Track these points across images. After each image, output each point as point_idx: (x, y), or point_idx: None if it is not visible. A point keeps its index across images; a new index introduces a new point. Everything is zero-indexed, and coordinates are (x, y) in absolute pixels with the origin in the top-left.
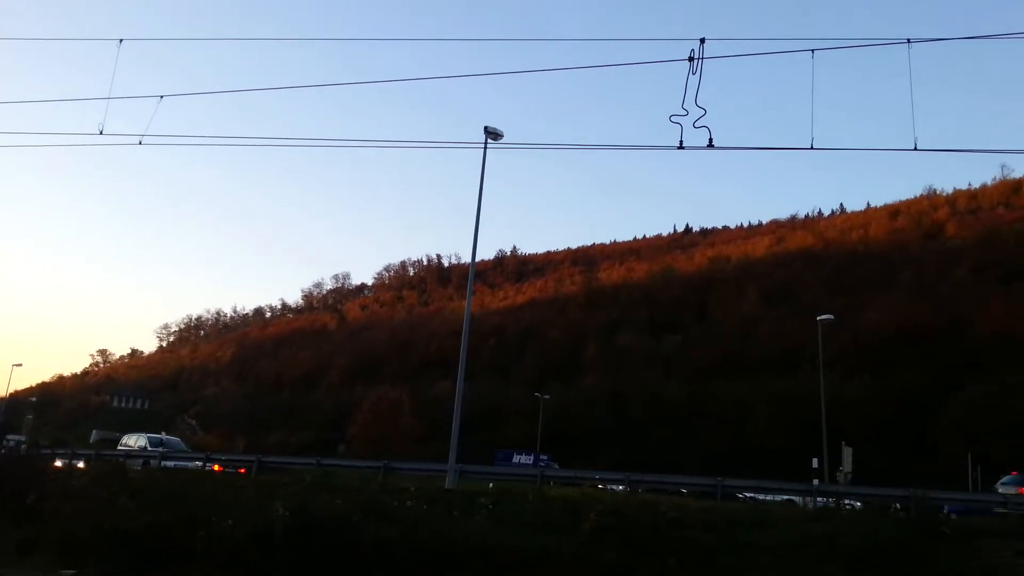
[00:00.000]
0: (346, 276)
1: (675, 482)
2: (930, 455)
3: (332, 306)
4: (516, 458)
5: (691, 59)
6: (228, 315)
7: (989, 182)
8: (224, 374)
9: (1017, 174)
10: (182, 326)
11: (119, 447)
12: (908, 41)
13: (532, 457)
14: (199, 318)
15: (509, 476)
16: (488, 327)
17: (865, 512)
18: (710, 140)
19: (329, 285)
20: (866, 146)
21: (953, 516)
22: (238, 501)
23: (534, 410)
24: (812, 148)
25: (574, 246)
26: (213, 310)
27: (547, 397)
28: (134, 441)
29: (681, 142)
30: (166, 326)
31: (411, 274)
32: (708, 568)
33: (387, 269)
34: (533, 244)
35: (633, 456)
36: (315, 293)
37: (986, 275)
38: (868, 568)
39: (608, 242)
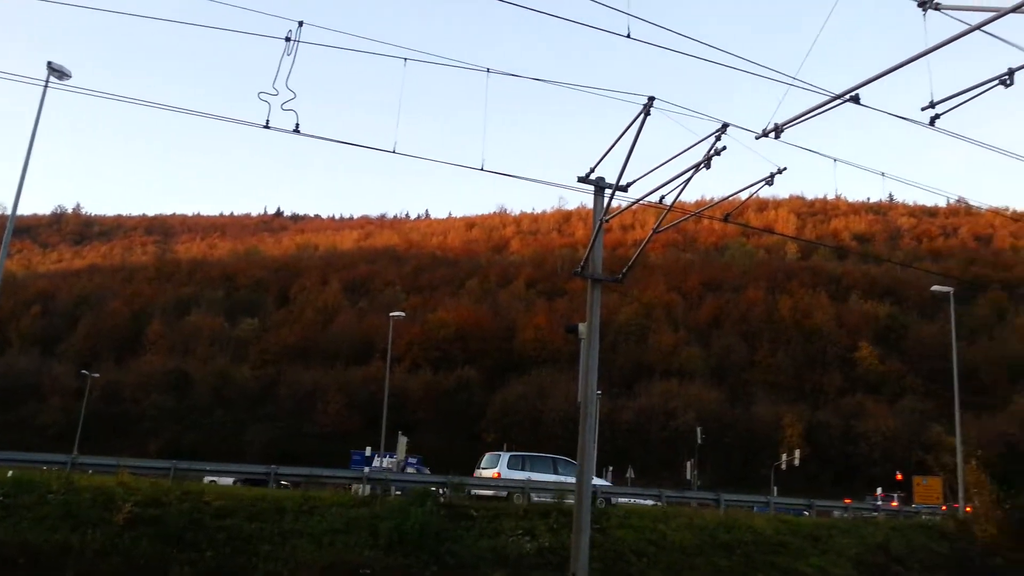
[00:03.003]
0: None
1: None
2: (478, 443)
3: None
4: (377, 461)
5: (288, 40)
6: None
7: (548, 210)
8: None
9: (570, 207)
10: None
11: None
12: (488, 71)
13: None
14: None
15: (32, 463)
16: (34, 292)
17: (406, 498)
18: (296, 125)
19: None
20: (446, 160)
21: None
22: None
23: (81, 389)
24: (394, 152)
25: (150, 213)
26: None
27: (96, 376)
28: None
29: (268, 122)
30: None
31: None
32: (247, 557)
33: None
34: (102, 205)
35: (192, 441)
36: None
37: (537, 289)
38: (402, 549)
39: (191, 214)
